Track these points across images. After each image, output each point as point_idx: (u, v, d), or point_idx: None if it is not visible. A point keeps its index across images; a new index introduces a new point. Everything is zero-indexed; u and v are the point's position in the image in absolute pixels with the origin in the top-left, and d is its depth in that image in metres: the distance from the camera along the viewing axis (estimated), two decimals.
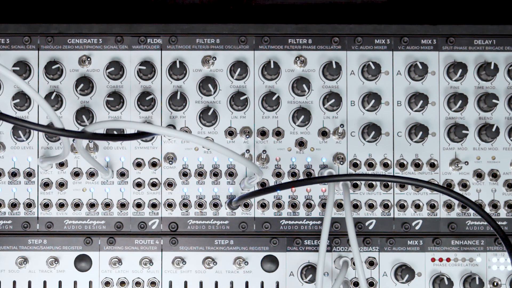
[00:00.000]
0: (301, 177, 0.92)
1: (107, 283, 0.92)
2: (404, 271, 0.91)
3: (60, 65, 0.92)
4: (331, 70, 0.92)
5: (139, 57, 0.93)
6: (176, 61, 0.91)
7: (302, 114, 0.91)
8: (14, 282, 0.92)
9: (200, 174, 0.93)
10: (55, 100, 0.91)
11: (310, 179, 0.91)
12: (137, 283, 0.92)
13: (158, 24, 0.93)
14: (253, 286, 0.93)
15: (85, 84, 0.91)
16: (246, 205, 0.93)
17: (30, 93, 0.69)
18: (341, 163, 0.92)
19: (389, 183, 0.92)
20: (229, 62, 0.93)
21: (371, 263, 0.93)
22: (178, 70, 0.91)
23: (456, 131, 0.91)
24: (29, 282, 0.92)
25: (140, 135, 0.76)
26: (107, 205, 0.93)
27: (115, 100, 0.91)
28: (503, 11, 1.03)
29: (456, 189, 0.93)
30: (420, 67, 0.92)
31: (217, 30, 0.93)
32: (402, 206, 0.93)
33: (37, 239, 0.93)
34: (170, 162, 0.92)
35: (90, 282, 0.93)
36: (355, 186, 0.93)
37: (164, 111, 0.93)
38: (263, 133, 0.92)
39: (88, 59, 0.92)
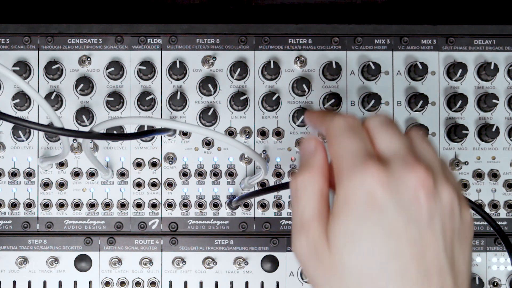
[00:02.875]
0: None
1: (107, 283, 0.92)
2: None
3: (60, 65, 0.92)
4: (331, 70, 0.92)
5: (139, 57, 0.93)
6: (176, 61, 0.91)
7: (302, 114, 0.91)
8: (14, 282, 0.92)
9: (200, 174, 0.93)
10: (55, 100, 0.91)
11: None
12: (137, 283, 0.92)
13: (158, 24, 0.93)
14: (253, 286, 0.93)
15: (85, 84, 0.91)
16: (246, 205, 0.93)
17: (29, 92, 0.69)
18: None
19: None
20: (229, 62, 0.93)
21: None
22: (178, 70, 0.91)
23: (456, 131, 0.91)
24: (29, 282, 0.92)
25: (146, 133, 0.77)
26: (107, 205, 0.93)
27: (115, 100, 0.91)
28: (503, 11, 1.03)
29: None
30: (420, 67, 0.92)
31: (217, 30, 0.93)
32: None
33: (37, 239, 0.93)
34: (170, 162, 0.92)
35: (90, 282, 0.93)
36: None
37: (164, 111, 0.93)
38: (263, 133, 0.92)
39: (88, 59, 0.92)
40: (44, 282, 0.92)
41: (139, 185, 0.93)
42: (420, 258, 0.57)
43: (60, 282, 0.92)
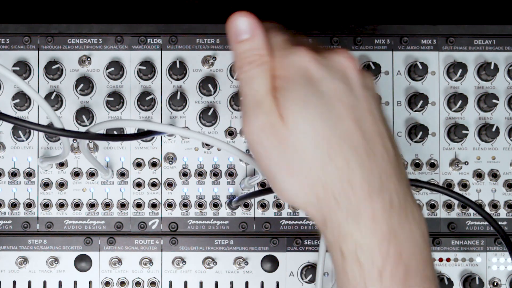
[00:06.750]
0: None
1: (107, 283, 0.92)
2: None
3: (60, 65, 0.92)
4: None
5: (139, 57, 0.93)
6: (176, 61, 0.91)
7: None
8: (14, 282, 0.92)
9: (200, 174, 0.93)
10: (55, 100, 0.91)
11: None
12: (137, 283, 0.92)
13: (158, 24, 0.93)
14: (253, 286, 0.93)
15: (85, 84, 0.91)
16: (246, 205, 0.93)
17: (29, 93, 0.69)
18: None
19: None
20: (229, 62, 0.93)
21: None
22: (178, 70, 0.91)
23: (456, 131, 0.91)
24: (29, 282, 0.92)
25: (143, 134, 0.76)
26: (107, 205, 0.93)
27: (115, 100, 0.91)
28: (503, 11, 1.03)
29: (456, 189, 0.93)
30: (420, 67, 0.92)
31: (217, 30, 0.93)
32: None
33: (37, 239, 0.93)
34: (170, 162, 0.92)
35: (90, 282, 0.93)
36: None
37: (164, 111, 0.93)
38: None
39: (88, 59, 0.92)
40: (44, 282, 0.92)
41: (139, 185, 0.93)
42: (361, 124, 0.63)
43: (60, 282, 0.92)
